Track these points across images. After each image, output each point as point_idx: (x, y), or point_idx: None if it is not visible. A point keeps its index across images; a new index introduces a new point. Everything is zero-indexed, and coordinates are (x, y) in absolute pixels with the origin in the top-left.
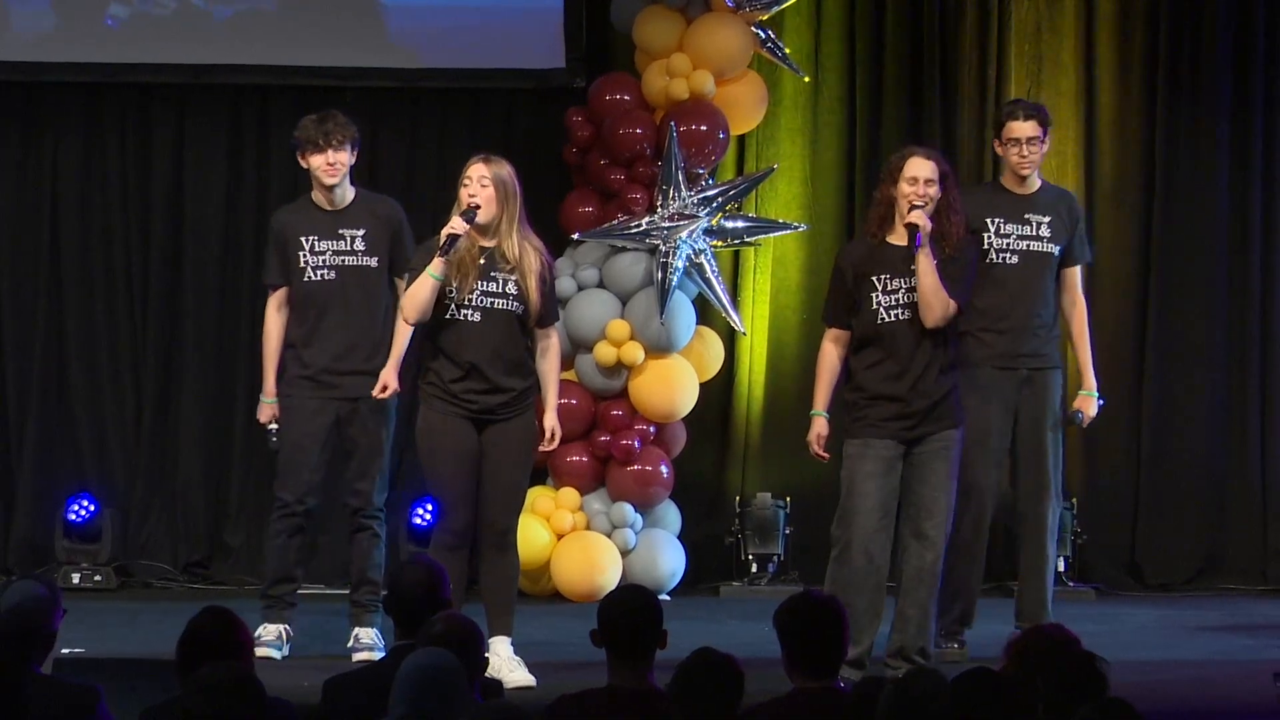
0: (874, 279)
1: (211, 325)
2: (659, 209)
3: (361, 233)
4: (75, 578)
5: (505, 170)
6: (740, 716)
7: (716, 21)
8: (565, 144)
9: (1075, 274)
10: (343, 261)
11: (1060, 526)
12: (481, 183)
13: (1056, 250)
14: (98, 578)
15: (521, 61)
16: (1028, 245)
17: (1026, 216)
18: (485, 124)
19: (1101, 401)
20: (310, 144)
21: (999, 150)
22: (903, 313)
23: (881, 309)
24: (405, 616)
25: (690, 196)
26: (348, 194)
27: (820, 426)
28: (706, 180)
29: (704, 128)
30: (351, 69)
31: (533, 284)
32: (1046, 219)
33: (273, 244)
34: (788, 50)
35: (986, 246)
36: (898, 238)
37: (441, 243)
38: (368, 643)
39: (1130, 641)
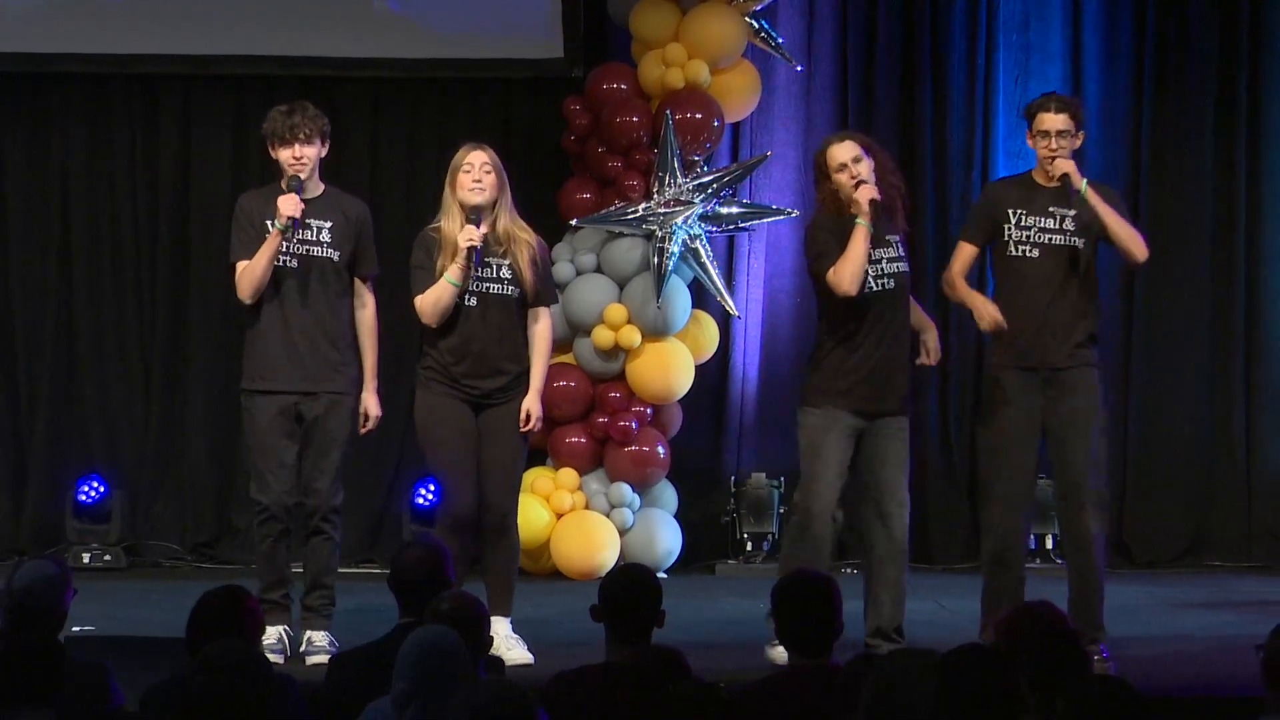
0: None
1: (218, 309)
2: (655, 195)
3: (329, 225)
4: (85, 557)
5: (497, 157)
6: (736, 694)
7: (711, 12)
8: (563, 132)
9: None
10: (307, 251)
11: (1047, 505)
12: (484, 169)
13: (1081, 243)
14: (107, 557)
15: (520, 52)
16: (1049, 239)
17: (1051, 209)
18: (485, 113)
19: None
20: (278, 137)
21: (1030, 144)
22: (888, 282)
23: (870, 278)
24: (408, 595)
25: (686, 183)
26: (316, 186)
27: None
28: (702, 167)
29: (699, 116)
30: (353, 59)
31: (526, 264)
32: (1072, 212)
33: (240, 224)
34: (781, 39)
35: (1006, 239)
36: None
37: (463, 254)
38: (321, 645)
39: (1118, 618)
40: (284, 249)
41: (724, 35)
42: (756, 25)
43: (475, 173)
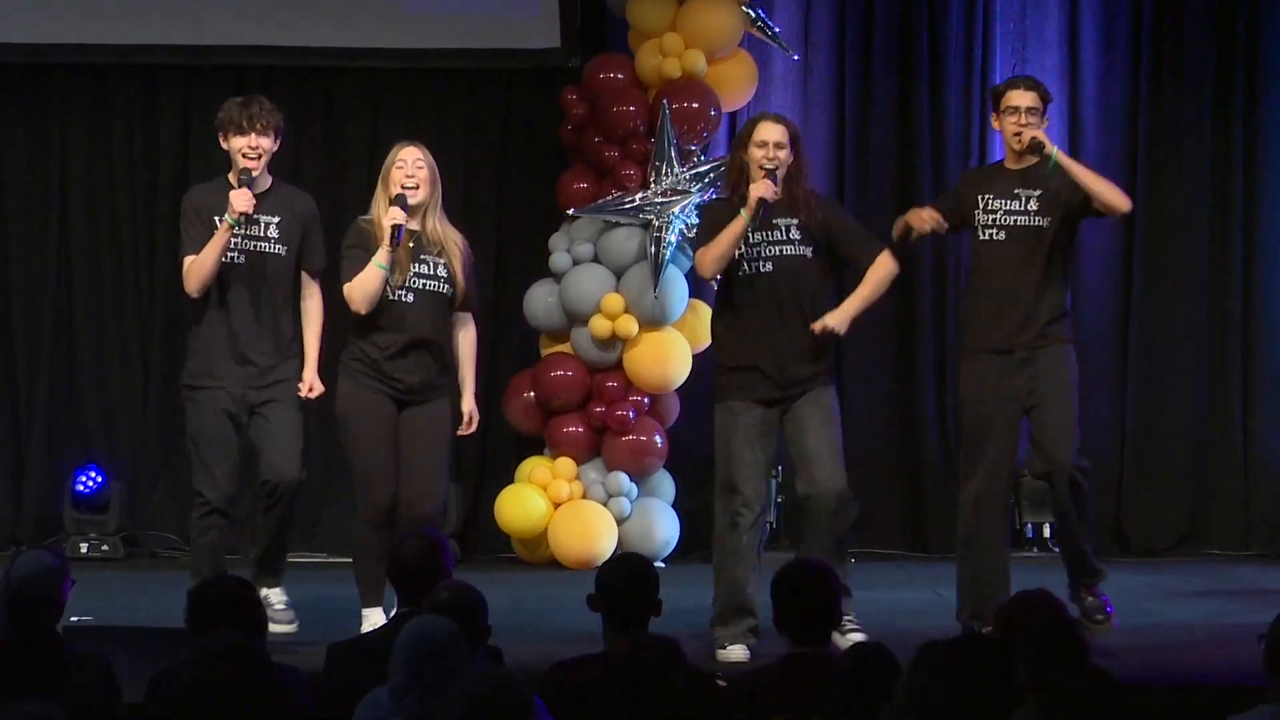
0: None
1: None
2: (652, 185)
3: (276, 220)
4: (83, 547)
5: (430, 155)
6: (733, 683)
7: (708, 2)
8: (561, 122)
9: None
10: (254, 247)
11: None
12: (417, 165)
13: (1046, 223)
14: (105, 547)
15: (517, 42)
16: (1015, 220)
17: (1015, 191)
18: (482, 103)
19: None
20: (233, 125)
21: (996, 124)
22: (764, 265)
23: (745, 262)
24: (406, 586)
25: (683, 172)
26: (265, 181)
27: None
28: (699, 156)
29: (696, 105)
30: (352, 49)
31: (459, 266)
32: (1036, 192)
33: (189, 219)
34: (778, 29)
35: (975, 224)
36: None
37: (388, 234)
38: (281, 607)
39: (1116, 607)
40: (231, 244)
41: (721, 25)
42: (753, 15)
43: (408, 168)
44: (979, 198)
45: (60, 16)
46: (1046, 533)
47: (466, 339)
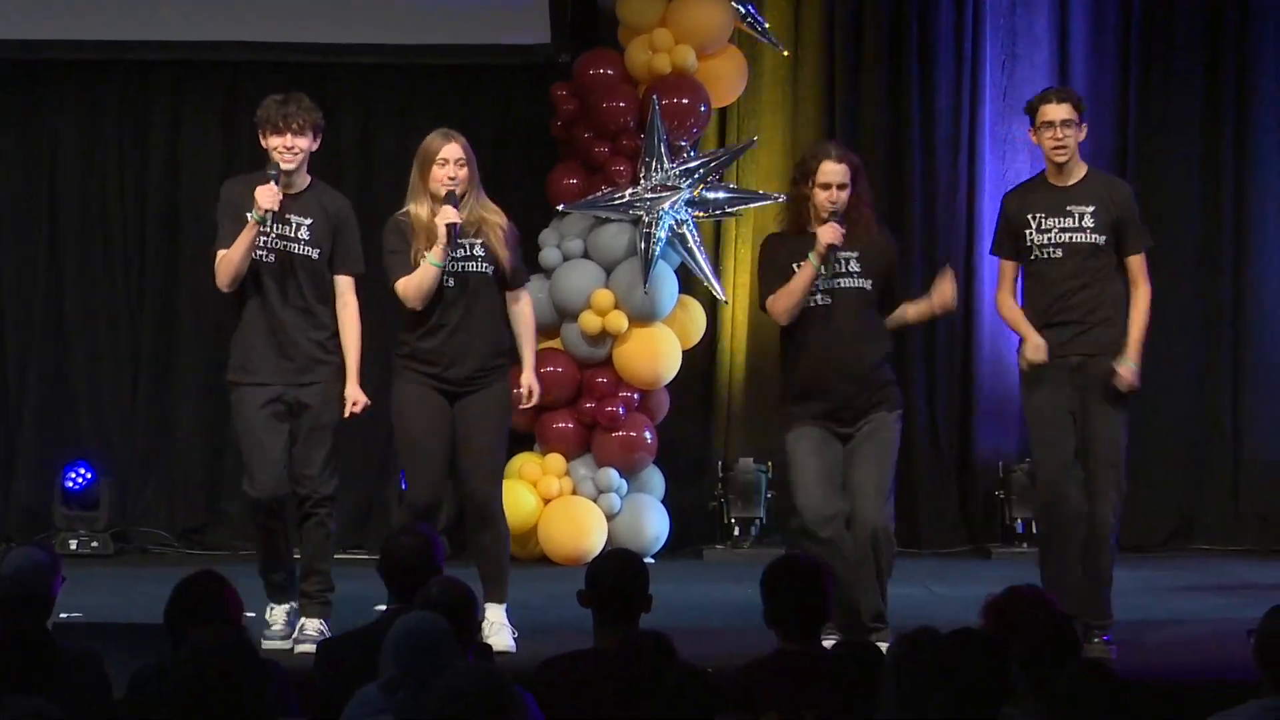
0: (794, 266)
1: (207, 296)
2: (642, 180)
3: (309, 222)
4: (73, 544)
5: (468, 144)
6: (724, 678)
7: None
8: (551, 118)
9: (1135, 262)
10: (285, 247)
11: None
12: (459, 163)
13: (1102, 240)
14: (95, 544)
15: (508, 37)
16: (1070, 238)
17: (1068, 209)
18: (473, 99)
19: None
20: (270, 125)
21: (1034, 139)
22: (823, 299)
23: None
24: (398, 582)
25: (673, 168)
26: (302, 180)
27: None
28: (689, 152)
29: (686, 101)
30: (342, 45)
31: (497, 240)
32: (1089, 209)
33: (224, 211)
34: (768, 25)
35: (1029, 244)
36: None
37: (443, 234)
38: (311, 634)
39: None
40: (262, 243)
41: (710, 21)
42: (743, 10)
43: (450, 168)
44: (1030, 217)
45: (51, 12)
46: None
47: (522, 314)
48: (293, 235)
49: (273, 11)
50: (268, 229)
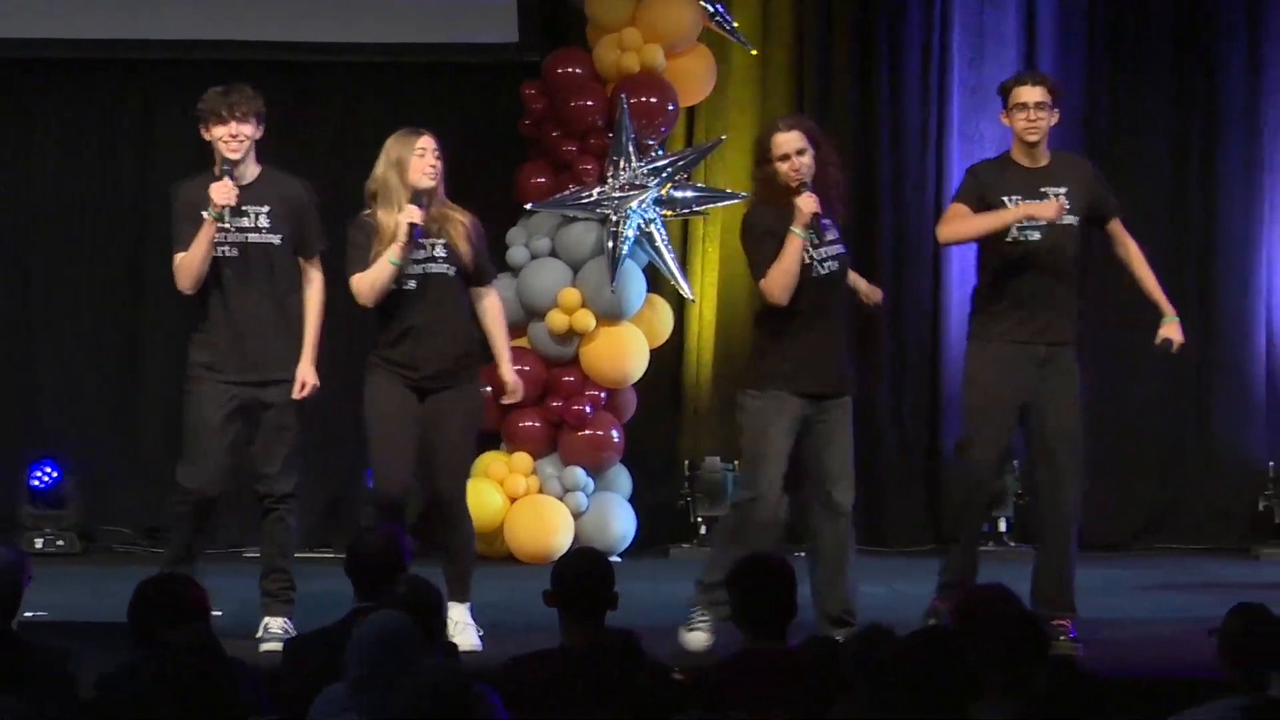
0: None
1: (174, 294)
2: (610, 179)
3: (265, 209)
4: (39, 543)
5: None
6: (692, 677)
7: None
8: (520, 117)
9: (1117, 225)
10: (245, 238)
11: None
12: (435, 155)
13: (1076, 221)
14: (61, 542)
15: (477, 36)
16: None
17: (1042, 190)
18: (442, 97)
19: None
20: (213, 115)
21: (1005, 121)
22: (823, 268)
23: (816, 263)
24: (364, 580)
25: (641, 167)
26: (253, 171)
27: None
28: (656, 151)
29: (654, 100)
30: (314, 44)
31: (460, 239)
32: (1063, 189)
33: (179, 214)
34: (737, 24)
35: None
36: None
37: (404, 231)
38: (275, 632)
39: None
40: (222, 238)
41: (679, 19)
42: (712, 9)
43: (429, 158)
44: (1004, 199)
45: (28, 10)
46: (1003, 527)
47: (491, 310)
48: (252, 225)
49: (243, 11)
50: (226, 224)
